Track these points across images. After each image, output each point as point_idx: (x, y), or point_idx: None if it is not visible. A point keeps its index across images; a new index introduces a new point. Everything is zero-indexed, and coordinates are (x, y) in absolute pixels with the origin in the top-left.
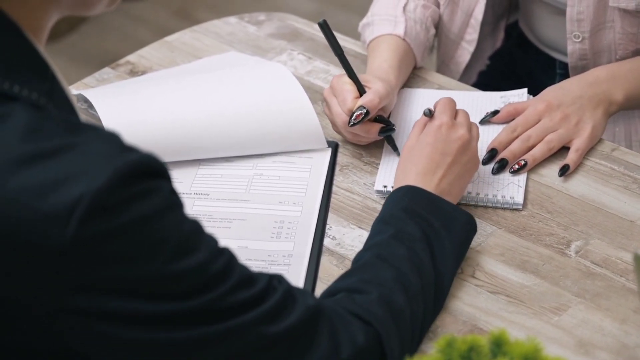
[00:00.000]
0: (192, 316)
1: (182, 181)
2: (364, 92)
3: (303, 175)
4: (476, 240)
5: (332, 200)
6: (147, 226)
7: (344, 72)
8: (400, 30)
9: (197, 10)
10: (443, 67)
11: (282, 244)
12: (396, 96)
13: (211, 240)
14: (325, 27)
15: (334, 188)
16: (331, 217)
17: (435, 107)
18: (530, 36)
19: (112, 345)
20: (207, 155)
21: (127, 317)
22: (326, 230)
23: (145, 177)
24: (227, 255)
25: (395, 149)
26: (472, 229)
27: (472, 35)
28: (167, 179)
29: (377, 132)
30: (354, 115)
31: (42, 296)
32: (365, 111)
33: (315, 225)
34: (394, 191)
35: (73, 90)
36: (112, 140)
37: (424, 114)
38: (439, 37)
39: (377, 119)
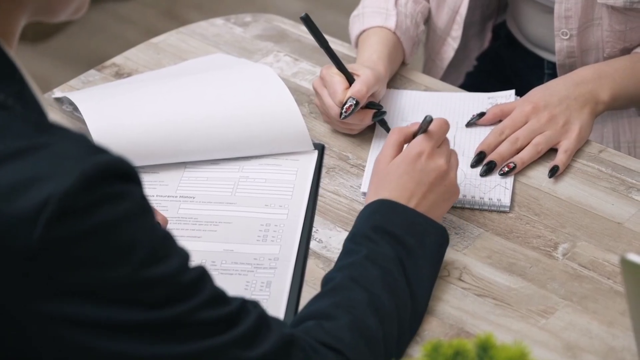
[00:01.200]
0: (162, 328)
1: (167, 184)
2: (354, 81)
3: (289, 178)
4: (463, 243)
5: (319, 202)
6: (116, 230)
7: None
8: (391, 23)
9: (185, 11)
10: (429, 62)
11: (268, 247)
12: (385, 86)
13: (183, 252)
14: (308, 21)
15: (320, 190)
16: (317, 220)
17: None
18: (518, 36)
19: (80, 355)
20: (193, 157)
21: (95, 324)
22: (312, 233)
23: (114, 180)
24: (200, 269)
25: (388, 130)
26: (444, 242)
27: (457, 31)
28: (137, 183)
29: (370, 119)
30: (345, 107)
31: (12, 300)
32: (355, 102)
33: (301, 228)
34: (365, 206)
35: (58, 92)
36: (81, 141)
37: (426, 119)
38: (427, 31)
39: (368, 105)
